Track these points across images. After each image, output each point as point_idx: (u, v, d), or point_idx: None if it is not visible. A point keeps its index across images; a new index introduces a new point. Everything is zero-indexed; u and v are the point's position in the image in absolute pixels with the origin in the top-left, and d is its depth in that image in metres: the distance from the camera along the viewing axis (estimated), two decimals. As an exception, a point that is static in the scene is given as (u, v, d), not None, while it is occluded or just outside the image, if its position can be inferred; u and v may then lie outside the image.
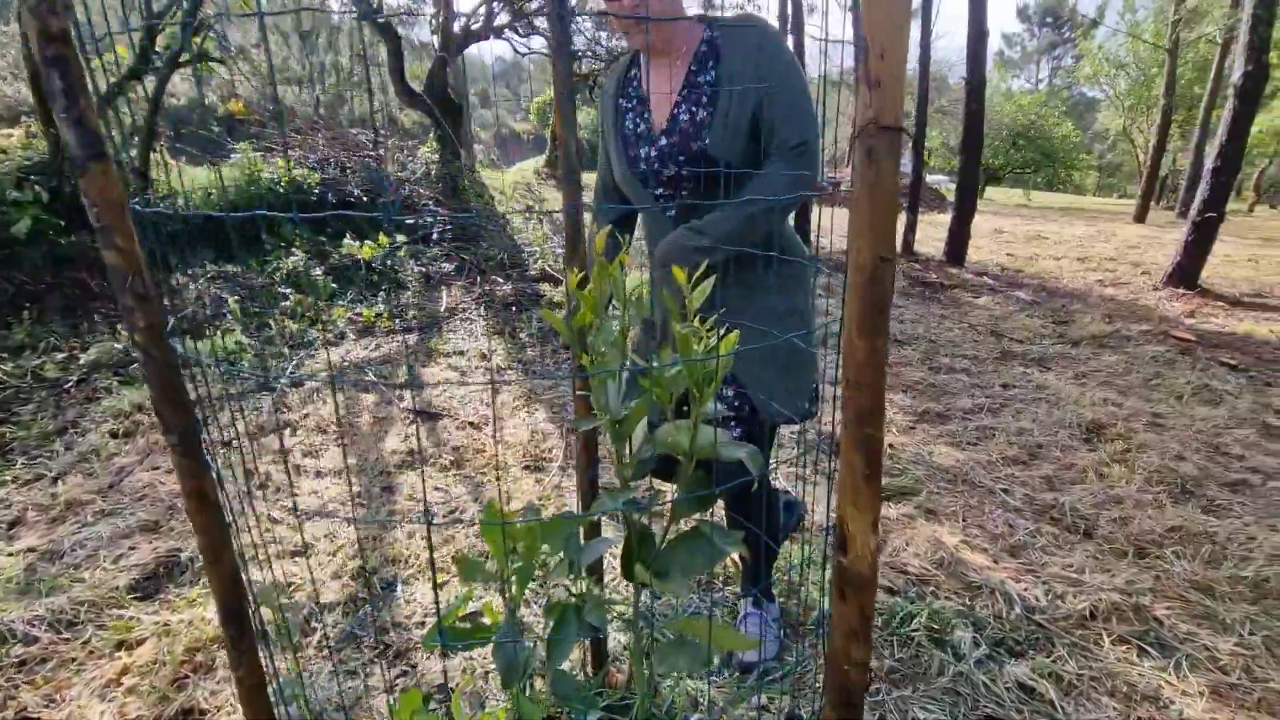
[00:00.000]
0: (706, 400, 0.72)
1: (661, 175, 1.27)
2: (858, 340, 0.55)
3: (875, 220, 0.51)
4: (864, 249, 0.53)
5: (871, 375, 0.55)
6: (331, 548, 2.10)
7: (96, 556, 2.00)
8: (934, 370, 3.94)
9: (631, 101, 1.31)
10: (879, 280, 0.53)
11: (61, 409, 3.00)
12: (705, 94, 1.20)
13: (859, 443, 0.56)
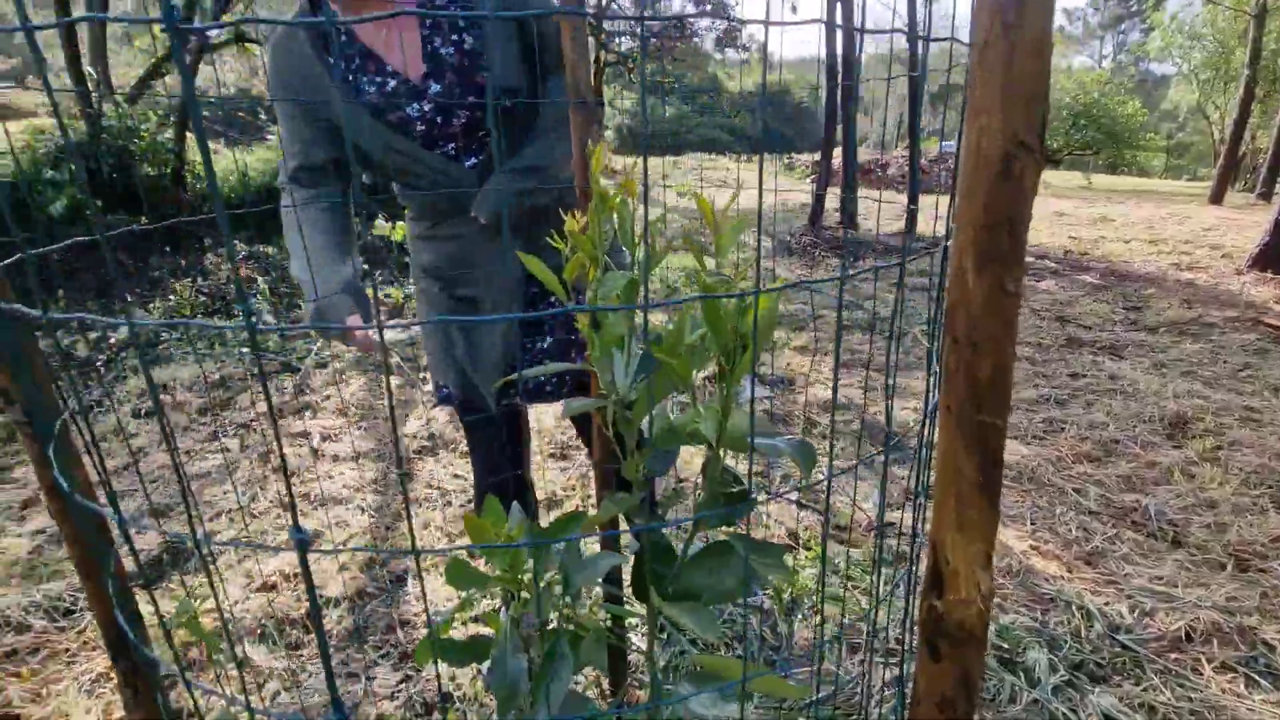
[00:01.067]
0: (741, 374, 0.54)
1: (448, 129, 1.08)
2: (975, 277, 0.35)
3: (1012, 85, 0.32)
4: (991, 129, 0.33)
5: (996, 330, 0.36)
6: (342, 536, 1.98)
7: (102, 540, 1.92)
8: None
9: (353, 60, 1.06)
10: (1015, 178, 0.33)
11: (88, 388, 2.97)
12: (459, 19, 1.04)
13: (970, 436, 0.38)
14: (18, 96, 20.68)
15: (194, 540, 0.42)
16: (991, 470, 0.39)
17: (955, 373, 0.38)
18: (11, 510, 2.09)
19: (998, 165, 0.34)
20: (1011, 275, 0.35)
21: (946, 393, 0.39)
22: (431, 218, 1.19)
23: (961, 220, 0.36)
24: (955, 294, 0.37)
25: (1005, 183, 0.34)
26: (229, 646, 1.53)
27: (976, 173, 0.35)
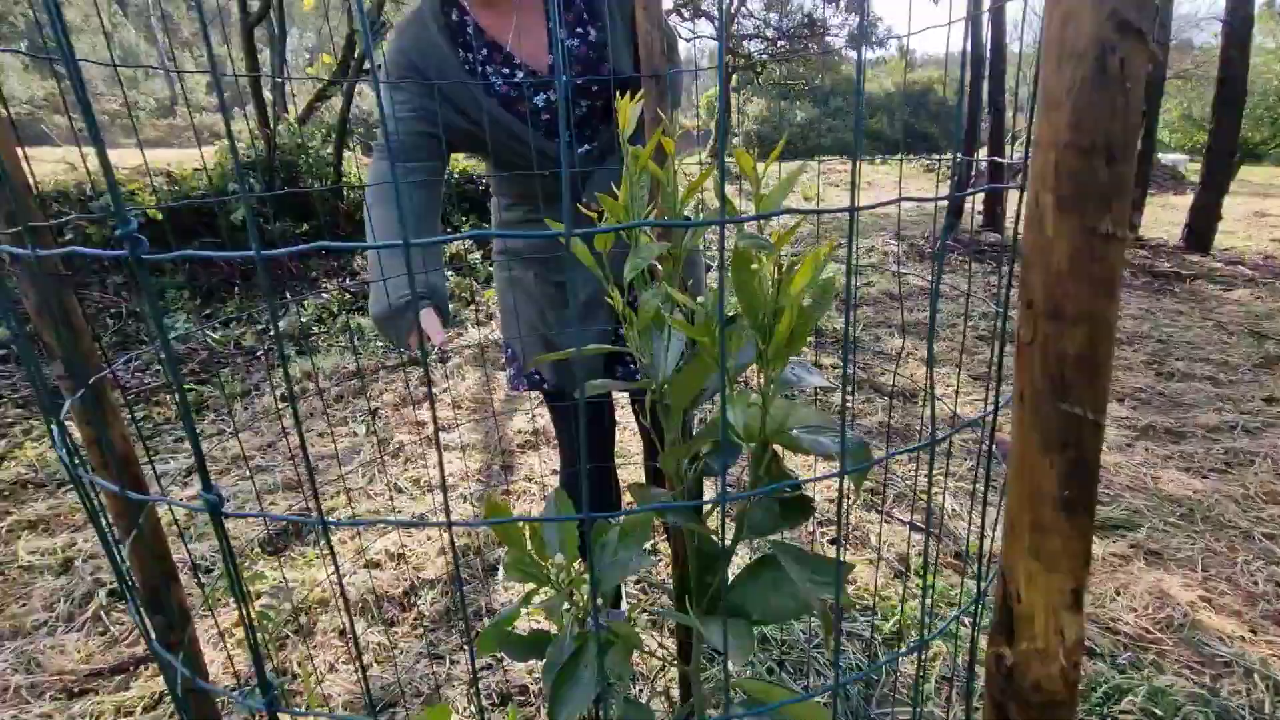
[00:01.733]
0: (784, 359, 0.46)
1: (570, 119, 1.10)
2: (1056, 217, 0.26)
3: None
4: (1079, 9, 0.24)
5: (1087, 290, 0.26)
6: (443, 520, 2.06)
7: (243, 509, 2.13)
8: (1163, 377, 3.16)
9: (480, 52, 1.07)
10: (1113, 77, 0.24)
11: (249, 373, 3.34)
12: (583, 11, 1.08)
13: (1049, 434, 0.28)
14: (222, 124, 23.87)
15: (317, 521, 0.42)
16: (1081, 480, 0.29)
17: (1029, 348, 0.28)
18: (178, 477, 2.38)
19: (1090, 60, 0.24)
20: (1110, 214, 0.26)
21: (1019, 374, 0.29)
22: (534, 202, 1.20)
23: (1040, 141, 0.27)
24: (1031, 243, 0.28)
25: (1101, 84, 0.24)
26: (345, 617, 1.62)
27: (1060, 73, 0.25)
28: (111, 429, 0.58)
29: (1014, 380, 0.30)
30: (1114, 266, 0.26)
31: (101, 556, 1.89)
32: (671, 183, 0.53)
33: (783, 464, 0.59)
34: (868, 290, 4.91)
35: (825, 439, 0.47)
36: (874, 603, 1.65)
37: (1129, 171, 0.26)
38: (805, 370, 0.54)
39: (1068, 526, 0.29)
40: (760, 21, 10.04)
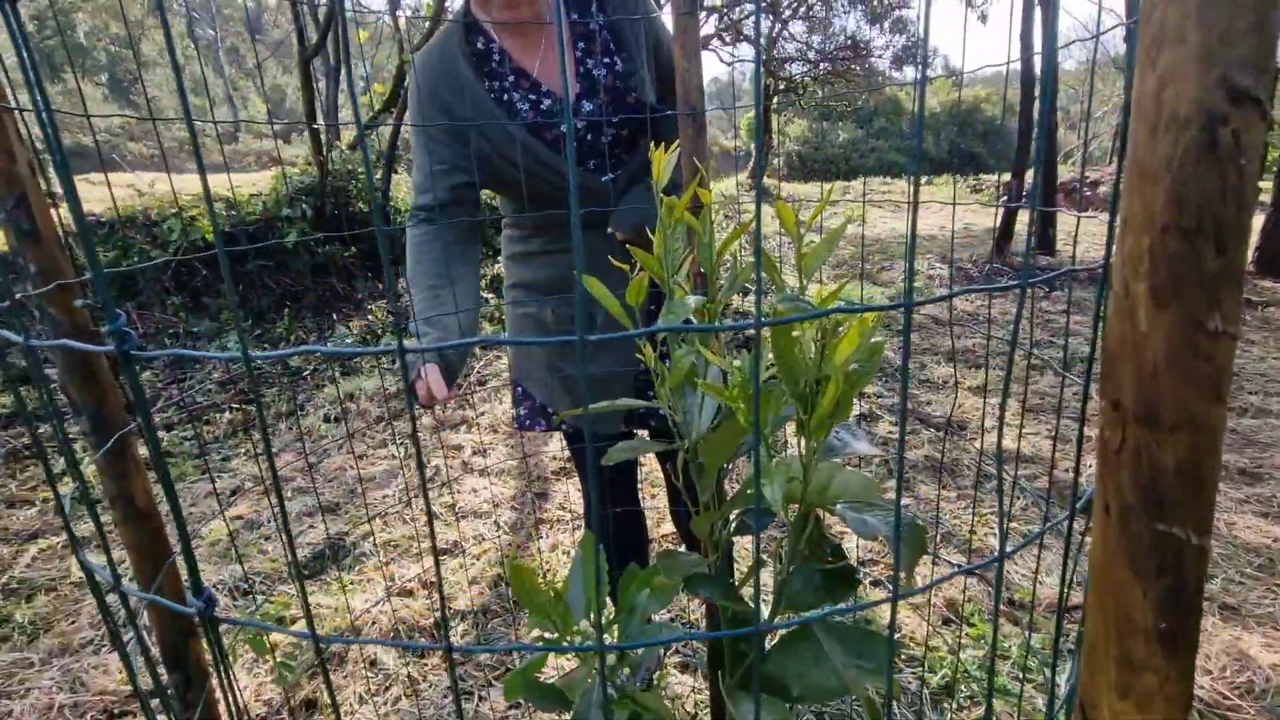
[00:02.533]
0: (828, 429, 0.42)
1: (597, 145, 1.09)
2: (1151, 310, 0.22)
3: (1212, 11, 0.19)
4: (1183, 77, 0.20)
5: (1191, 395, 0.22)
6: (477, 550, 2.05)
7: (282, 531, 2.17)
8: (1235, 412, 2.97)
9: (505, 79, 1.07)
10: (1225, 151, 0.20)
11: (295, 393, 3.42)
12: (609, 41, 1.09)
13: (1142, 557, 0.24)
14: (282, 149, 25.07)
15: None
16: (1181, 612, 0.24)
17: (1118, 455, 0.24)
18: (223, 496, 2.43)
19: (1195, 130, 0.21)
20: (1219, 309, 0.22)
21: (1103, 484, 0.25)
22: (554, 233, 1.18)
23: (1130, 220, 0.23)
24: (1119, 336, 0.24)
25: (1209, 158, 0.21)
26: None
27: (1155, 143, 0.22)
28: (134, 483, 0.58)
29: (1095, 488, 0.26)
30: (1223, 367, 0.22)
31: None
32: (708, 233, 0.50)
33: (824, 530, 0.55)
34: (916, 316, 4.78)
35: (872, 519, 0.43)
36: (922, 652, 1.56)
37: (1241, 260, 0.22)
38: (850, 434, 0.50)
39: (1165, 665, 0.24)
40: (802, 44, 10.02)
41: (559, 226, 1.16)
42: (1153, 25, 0.21)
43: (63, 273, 0.52)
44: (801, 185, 16.05)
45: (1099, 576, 0.26)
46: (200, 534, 2.18)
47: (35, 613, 1.77)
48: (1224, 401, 0.23)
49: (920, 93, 0.30)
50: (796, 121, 22.79)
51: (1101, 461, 0.26)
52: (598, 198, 1.12)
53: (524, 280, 1.23)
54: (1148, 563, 0.24)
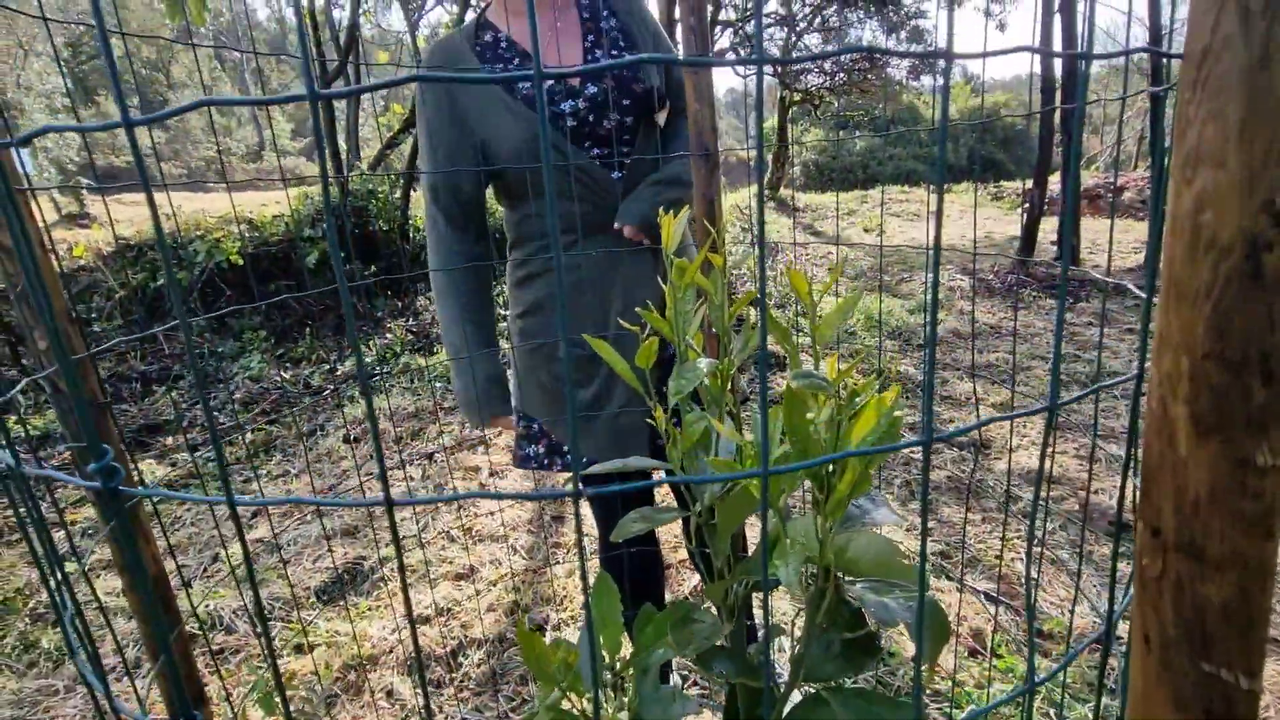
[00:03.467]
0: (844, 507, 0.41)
1: (597, 130, 1.08)
2: (1192, 441, 0.21)
3: (1265, 114, 0.18)
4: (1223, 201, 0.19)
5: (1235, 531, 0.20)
6: (493, 575, 2.04)
7: (302, 555, 2.17)
8: None
9: (511, 62, 1.10)
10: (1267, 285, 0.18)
11: (315, 414, 3.46)
12: (619, 39, 1.12)
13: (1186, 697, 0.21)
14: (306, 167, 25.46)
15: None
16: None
17: (1158, 584, 0.22)
18: (243, 519, 2.45)
19: (1238, 257, 0.19)
20: (1267, 443, 0.20)
21: (1141, 611, 0.23)
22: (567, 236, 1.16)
23: (1168, 338, 0.21)
24: (1157, 456, 0.22)
25: (1253, 285, 0.19)
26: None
27: (1194, 265, 0.20)
28: (143, 552, 0.58)
29: (1133, 614, 0.24)
30: (1274, 502, 0.20)
31: (169, 601, 1.95)
32: (720, 294, 0.49)
33: (843, 596, 0.53)
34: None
35: (893, 602, 0.41)
36: (948, 686, 1.52)
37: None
38: (871, 503, 0.48)
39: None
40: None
41: (575, 229, 1.14)
42: (1188, 142, 0.20)
43: (73, 349, 0.53)
44: (818, 195, 15.96)
45: (1139, 710, 0.24)
46: (221, 557, 2.20)
47: (61, 638, 1.79)
48: (1275, 538, 0.21)
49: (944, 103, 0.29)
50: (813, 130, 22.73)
51: (1140, 588, 0.24)
52: (604, 194, 1.10)
53: (532, 303, 1.19)
54: (1194, 704, 0.22)
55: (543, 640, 0.56)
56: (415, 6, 5.69)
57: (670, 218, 0.48)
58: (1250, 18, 0.18)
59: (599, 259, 1.12)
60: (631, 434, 1.17)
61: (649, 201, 1.07)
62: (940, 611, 0.40)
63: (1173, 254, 0.21)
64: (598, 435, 1.18)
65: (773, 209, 12.07)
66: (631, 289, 1.13)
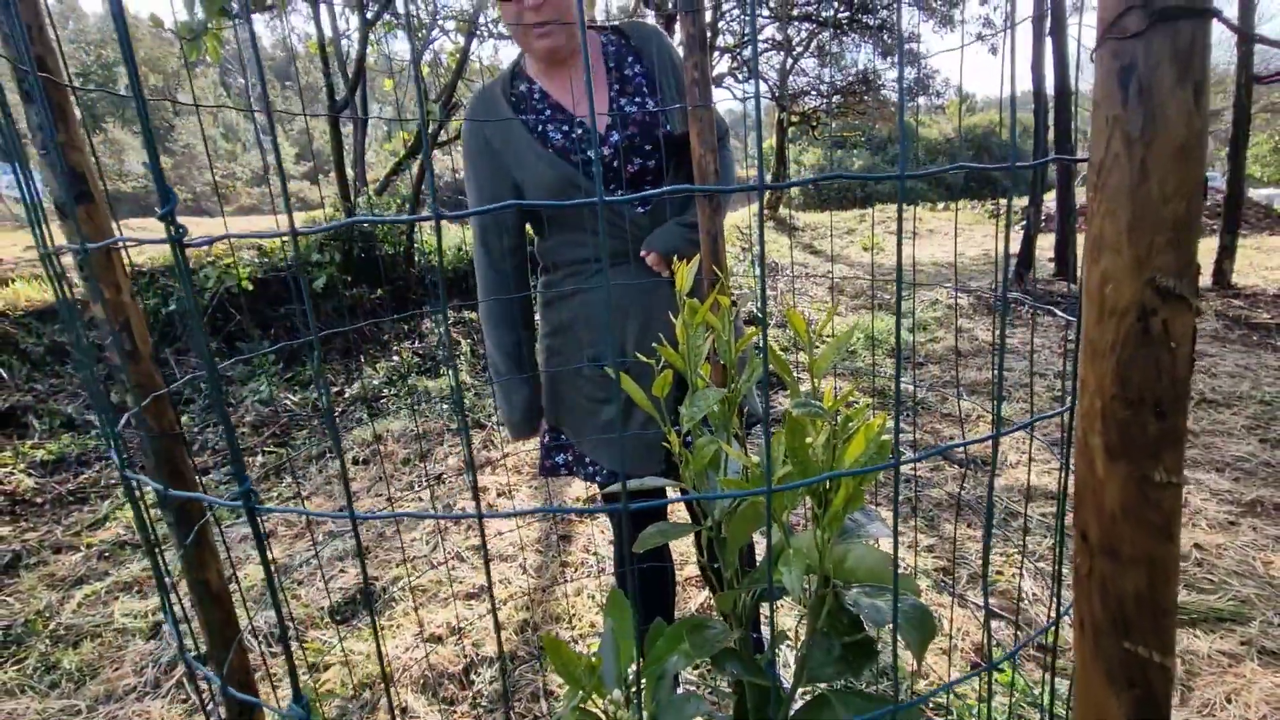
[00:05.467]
0: (840, 520, 0.46)
1: (622, 174, 1.17)
2: (1106, 464, 0.26)
3: (1145, 214, 0.24)
4: (1120, 278, 0.25)
5: (1144, 536, 0.26)
6: (503, 594, 2.08)
7: (315, 575, 2.21)
8: (1269, 444, 2.91)
9: (543, 114, 1.20)
10: (1155, 342, 0.24)
11: (324, 436, 3.51)
12: (643, 85, 1.20)
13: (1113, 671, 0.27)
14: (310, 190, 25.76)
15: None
16: (1153, 718, 0.28)
17: (1087, 580, 0.28)
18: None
19: (1132, 320, 0.25)
20: (1162, 464, 0.25)
21: (1078, 603, 0.29)
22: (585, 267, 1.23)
23: (1086, 384, 0.27)
24: (1082, 478, 0.28)
25: (1144, 343, 0.25)
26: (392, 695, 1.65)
27: (1102, 327, 0.26)
28: (209, 571, 0.63)
29: (1073, 605, 0.30)
30: (1171, 511, 0.26)
31: (186, 622, 1.99)
32: (728, 330, 0.55)
33: (842, 603, 0.58)
34: (932, 347, 4.77)
35: (884, 604, 0.46)
36: (947, 699, 1.55)
37: (1181, 422, 0.26)
38: (865, 517, 0.54)
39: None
40: (813, 79, 10.20)
41: (591, 260, 1.23)
42: (1094, 230, 0.26)
43: (156, 385, 0.58)
44: (817, 214, 16.11)
45: (1081, 685, 0.30)
46: (235, 579, 2.24)
47: (82, 659, 1.83)
48: (1175, 540, 0.26)
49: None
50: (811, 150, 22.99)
51: (1076, 584, 0.29)
52: (631, 229, 1.18)
53: (561, 323, 1.27)
54: (1119, 676, 0.28)
55: (568, 647, 0.61)
56: (421, 36, 5.84)
57: (684, 264, 0.54)
58: (1132, 143, 0.24)
59: (621, 285, 1.20)
60: (651, 449, 1.24)
61: (678, 236, 1.16)
62: (926, 612, 0.45)
63: (1087, 320, 0.27)
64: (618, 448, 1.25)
65: (772, 228, 12.18)
66: (649, 313, 1.21)
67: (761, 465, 0.49)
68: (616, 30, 1.26)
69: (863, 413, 0.46)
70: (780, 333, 5.27)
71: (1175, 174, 0.24)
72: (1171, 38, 0.23)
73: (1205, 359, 4.17)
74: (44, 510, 2.76)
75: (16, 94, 0.50)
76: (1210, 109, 1.04)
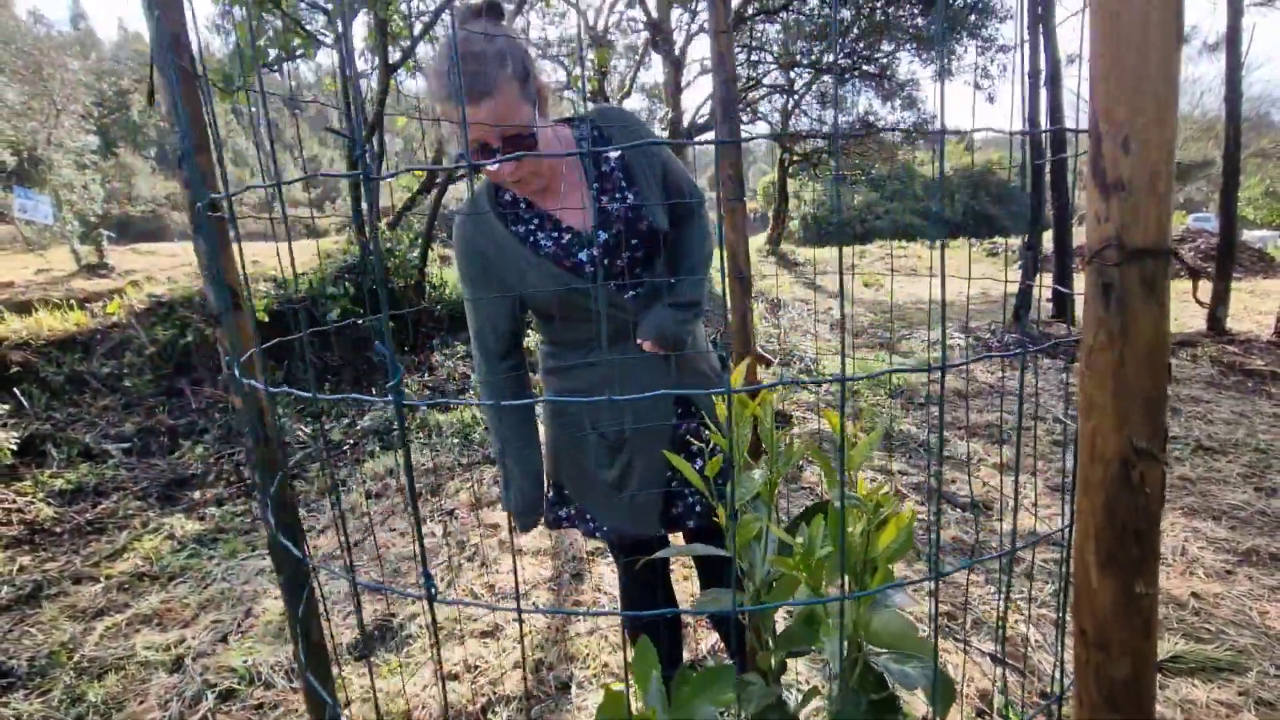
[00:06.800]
0: (872, 599, 0.54)
1: (614, 268, 1.24)
2: (1099, 576, 0.34)
3: (1126, 391, 0.32)
4: (1106, 436, 0.33)
5: (1129, 634, 0.33)
6: (516, 633, 2.12)
7: (331, 611, 2.26)
8: (1264, 493, 2.98)
9: (531, 223, 1.25)
10: (1137, 487, 0.32)
11: (337, 468, 3.56)
12: (620, 178, 1.25)
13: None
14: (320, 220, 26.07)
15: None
16: (1140, 779, 0.35)
17: (1085, 667, 0.35)
18: (273, 575, 2.54)
19: (1116, 466, 0.33)
20: (1141, 578, 0.33)
21: (1079, 684, 0.36)
22: (587, 346, 1.31)
23: (1081, 510, 0.35)
24: (1080, 585, 0.35)
25: (1125, 486, 0.33)
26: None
27: (1092, 468, 0.34)
28: (312, 621, 0.70)
29: (1074, 686, 0.37)
30: (1150, 615, 0.34)
31: (208, 656, 2.03)
32: (769, 418, 0.63)
33: (870, 664, 0.65)
34: (934, 388, 4.85)
35: (912, 670, 0.53)
36: (956, 746, 1.60)
37: (1155, 545, 0.33)
38: (894, 590, 0.61)
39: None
40: (815, 120, 10.48)
41: (591, 340, 1.30)
42: (1085, 395, 0.34)
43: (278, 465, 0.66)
44: (818, 249, 16.34)
45: (1082, 750, 0.37)
46: (253, 613, 2.28)
47: (108, 692, 1.87)
48: (1153, 638, 0.34)
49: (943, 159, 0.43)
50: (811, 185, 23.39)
51: (1076, 668, 0.37)
52: (623, 314, 1.25)
53: (564, 391, 1.35)
54: (1112, 746, 0.35)
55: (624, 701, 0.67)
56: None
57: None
58: (1113, 338, 0.32)
59: (618, 363, 1.27)
60: (648, 509, 1.31)
61: (668, 319, 1.23)
62: (948, 679, 0.52)
63: (1082, 456, 0.35)
64: (618, 510, 1.32)
65: (773, 263, 12.34)
66: (646, 388, 1.28)
67: (801, 545, 0.57)
68: (587, 120, 1.30)
69: (893, 502, 0.54)
70: (785, 370, 5.36)
71: (1147, 364, 0.32)
72: (1139, 268, 0.31)
73: (1201, 405, 4.25)
74: (63, 540, 2.81)
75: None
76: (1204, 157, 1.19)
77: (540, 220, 1.27)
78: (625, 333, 1.26)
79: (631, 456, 1.29)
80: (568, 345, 1.33)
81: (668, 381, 1.30)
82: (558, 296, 1.23)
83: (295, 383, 4.48)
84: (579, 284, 1.23)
